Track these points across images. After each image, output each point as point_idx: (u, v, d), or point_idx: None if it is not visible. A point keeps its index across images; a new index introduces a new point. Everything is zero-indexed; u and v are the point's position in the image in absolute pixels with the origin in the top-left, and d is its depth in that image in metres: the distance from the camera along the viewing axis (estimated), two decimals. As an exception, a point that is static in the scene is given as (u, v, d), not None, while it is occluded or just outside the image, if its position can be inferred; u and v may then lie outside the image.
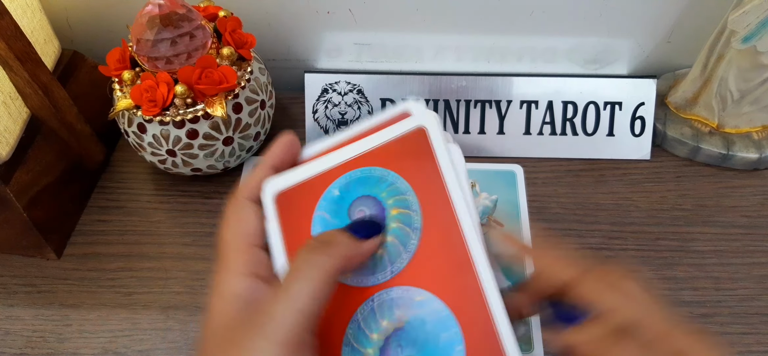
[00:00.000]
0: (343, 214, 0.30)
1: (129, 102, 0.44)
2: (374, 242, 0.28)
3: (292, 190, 0.30)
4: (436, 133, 0.30)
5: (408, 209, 0.29)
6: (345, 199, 0.30)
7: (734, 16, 0.45)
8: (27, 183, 0.45)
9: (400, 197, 0.30)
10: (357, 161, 0.30)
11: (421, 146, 0.30)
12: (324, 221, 0.30)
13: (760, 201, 0.50)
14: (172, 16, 0.43)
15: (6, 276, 0.47)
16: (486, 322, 0.27)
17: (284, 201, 0.30)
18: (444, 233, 0.29)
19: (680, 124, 0.54)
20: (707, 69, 0.51)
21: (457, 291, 0.28)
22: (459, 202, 0.29)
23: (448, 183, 0.29)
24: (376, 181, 0.30)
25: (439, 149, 0.29)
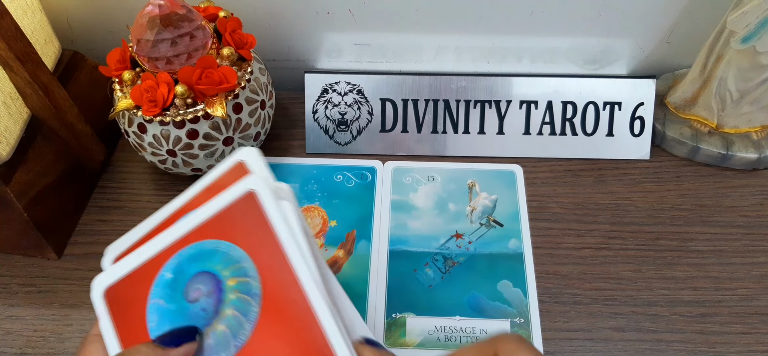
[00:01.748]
0: (179, 297, 0.29)
1: (129, 102, 0.44)
2: (183, 349, 0.27)
3: (122, 283, 0.29)
4: (265, 194, 0.29)
5: (245, 276, 0.28)
6: (179, 280, 0.29)
7: (733, 16, 0.45)
8: (27, 183, 0.45)
9: (235, 266, 0.29)
10: (187, 239, 0.29)
11: (251, 210, 0.29)
12: (159, 309, 0.29)
13: (759, 201, 0.50)
14: (173, 16, 0.43)
15: (6, 276, 0.47)
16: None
17: (114, 296, 0.29)
18: (285, 294, 0.28)
19: (679, 124, 0.54)
20: (706, 69, 0.51)
21: (304, 350, 0.27)
22: (296, 260, 0.28)
23: (283, 243, 0.28)
24: (209, 254, 0.29)
25: (271, 210, 0.28)
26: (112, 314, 0.29)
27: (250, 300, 0.28)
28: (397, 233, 0.48)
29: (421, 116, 0.54)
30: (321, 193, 0.51)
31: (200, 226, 0.30)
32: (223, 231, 0.29)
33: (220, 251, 0.29)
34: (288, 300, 0.28)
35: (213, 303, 0.29)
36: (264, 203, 0.29)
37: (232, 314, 0.28)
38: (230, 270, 0.29)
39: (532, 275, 0.45)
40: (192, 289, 0.29)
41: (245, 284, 0.28)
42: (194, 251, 0.29)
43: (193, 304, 0.29)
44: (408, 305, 0.44)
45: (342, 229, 0.49)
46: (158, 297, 0.29)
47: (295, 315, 0.27)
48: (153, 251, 0.30)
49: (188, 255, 0.29)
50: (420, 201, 0.51)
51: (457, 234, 0.48)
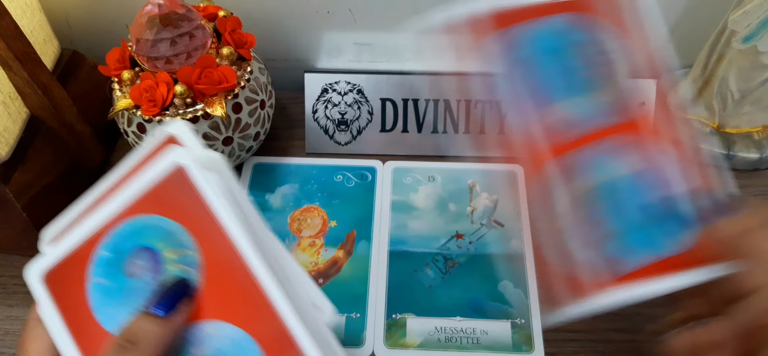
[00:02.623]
0: (119, 275, 0.29)
1: (129, 102, 0.44)
2: (186, 308, 0.27)
3: (60, 266, 0.29)
4: (192, 167, 0.29)
5: (183, 248, 0.29)
6: (118, 258, 0.29)
7: (734, 15, 0.45)
8: (26, 183, 0.45)
9: (172, 239, 0.29)
10: (120, 216, 0.30)
11: (182, 184, 0.29)
12: (102, 288, 0.29)
13: (760, 201, 0.50)
14: (172, 16, 0.43)
15: (6, 276, 0.47)
16: (283, 335, 0.27)
17: (54, 280, 0.29)
18: (225, 262, 0.28)
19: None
20: (707, 69, 0.51)
21: (248, 313, 0.27)
22: (232, 227, 0.28)
23: (216, 211, 0.28)
24: (145, 230, 0.29)
25: (200, 182, 0.28)
26: (55, 297, 0.29)
27: (190, 269, 0.28)
28: (397, 234, 0.48)
29: (422, 116, 0.54)
30: (321, 193, 0.51)
31: (133, 203, 0.30)
32: (156, 206, 0.29)
33: (156, 226, 0.29)
34: (228, 267, 0.28)
35: (154, 276, 0.29)
36: (192, 177, 0.29)
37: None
38: (167, 243, 0.29)
39: (532, 275, 0.45)
40: (131, 265, 0.29)
41: (184, 255, 0.29)
42: (130, 228, 0.30)
43: (136, 280, 0.29)
44: (408, 305, 0.44)
45: (342, 229, 0.49)
46: (99, 277, 0.29)
47: (237, 282, 0.28)
48: (87, 231, 0.30)
49: (124, 233, 0.30)
50: (420, 201, 0.50)
51: (458, 235, 0.48)
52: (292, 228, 0.49)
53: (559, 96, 0.34)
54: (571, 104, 0.34)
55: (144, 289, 0.29)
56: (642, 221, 0.31)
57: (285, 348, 0.27)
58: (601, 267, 0.31)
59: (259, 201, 0.50)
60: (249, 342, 0.27)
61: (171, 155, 0.29)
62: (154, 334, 0.26)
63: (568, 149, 0.32)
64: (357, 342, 0.42)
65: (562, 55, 0.35)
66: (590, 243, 0.31)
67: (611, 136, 0.33)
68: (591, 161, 0.32)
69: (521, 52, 0.34)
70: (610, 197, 0.32)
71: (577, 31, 0.35)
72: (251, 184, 0.52)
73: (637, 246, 0.31)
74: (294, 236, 0.48)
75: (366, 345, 0.42)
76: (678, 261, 0.31)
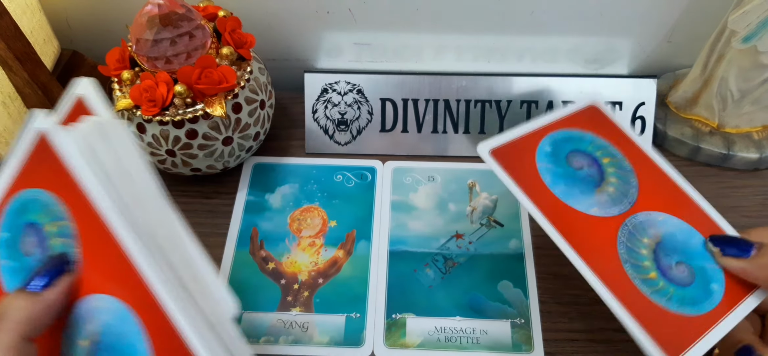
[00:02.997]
0: (18, 254, 0.29)
1: (128, 102, 0.44)
2: (60, 287, 0.26)
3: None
4: (54, 133, 0.28)
5: (60, 220, 0.28)
6: (15, 237, 0.29)
7: (734, 15, 0.45)
8: (26, 183, 0.45)
9: (50, 211, 0.28)
10: (9, 193, 0.30)
11: (48, 151, 0.28)
12: (10, 269, 0.29)
13: (760, 201, 0.50)
14: (172, 15, 0.43)
15: (5, 276, 0.47)
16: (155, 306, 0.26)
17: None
18: (95, 231, 0.27)
19: (680, 124, 0.54)
20: (707, 69, 0.51)
21: (122, 284, 0.27)
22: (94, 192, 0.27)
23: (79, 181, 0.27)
24: (28, 205, 0.29)
25: (62, 148, 0.27)
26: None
27: (69, 241, 0.28)
28: (397, 234, 0.48)
29: (422, 116, 0.54)
30: (321, 193, 0.51)
31: (16, 178, 0.29)
32: (34, 178, 0.29)
33: (35, 200, 0.29)
34: (99, 237, 0.27)
35: (41, 252, 0.29)
36: (54, 143, 0.28)
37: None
38: (46, 215, 0.29)
39: (532, 275, 0.45)
40: (25, 243, 0.29)
41: (62, 227, 0.28)
42: (17, 205, 0.29)
43: (31, 257, 0.29)
44: (408, 305, 0.44)
45: (342, 229, 0.49)
46: (5, 259, 0.29)
47: (107, 251, 0.27)
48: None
49: (13, 210, 0.29)
50: (420, 201, 0.50)
51: (458, 234, 0.48)
52: (292, 228, 0.49)
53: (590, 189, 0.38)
54: (602, 193, 0.38)
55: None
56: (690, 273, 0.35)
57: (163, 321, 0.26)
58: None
59: (259, 201, 0.50)
60: (128, 313, 0.26)
61: (34, 122, 0.28)
62: (22, 309, 0.25)
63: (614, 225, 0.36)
64: (357, 341, 0.42)
65: (582, 153, 0.39)
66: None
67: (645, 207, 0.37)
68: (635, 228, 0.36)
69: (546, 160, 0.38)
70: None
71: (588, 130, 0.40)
72: (251, 184, 0.52)
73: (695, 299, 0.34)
74: (294, 236, 0.48)
75: (366, 344, 0.42)
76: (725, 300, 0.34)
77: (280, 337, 0.43)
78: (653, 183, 0.37)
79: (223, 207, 0.50)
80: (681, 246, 0.35)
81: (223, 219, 0.49)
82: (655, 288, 0.33)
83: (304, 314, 0.44)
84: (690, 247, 0.35)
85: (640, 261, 0.34)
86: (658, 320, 0.32)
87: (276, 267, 0.46)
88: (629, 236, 0.35)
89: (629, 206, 0.36)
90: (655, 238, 0.35)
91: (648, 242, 0.35)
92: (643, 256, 0.34)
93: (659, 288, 0.33)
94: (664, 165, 0.38)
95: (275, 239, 0.48)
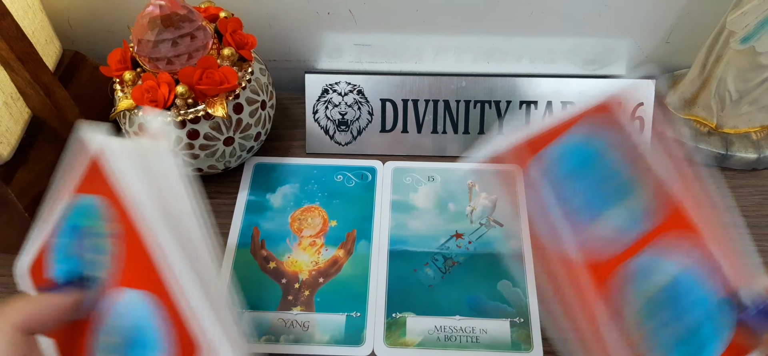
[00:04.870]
0: (73, 256, 0.32)
1: (130, 102, 0.44)
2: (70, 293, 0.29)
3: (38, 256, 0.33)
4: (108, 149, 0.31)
5: (101, 221, 0.31)
6: (71, 239, 0.32)
7: (733, 16, 0.46)
8: (28, 183, 0.45)
9: (93, 213, 0.31)
10: (70, 198, 0.33)
11: (102, 164, 0.31)
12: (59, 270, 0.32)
13: (758, 201, 0.50)
14: (173, 16, 0.43)
15: (7, 276, 0.47)
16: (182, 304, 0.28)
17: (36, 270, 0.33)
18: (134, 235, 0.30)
19: (679, 124, 0.54)
20: (706, 69, 0.51)
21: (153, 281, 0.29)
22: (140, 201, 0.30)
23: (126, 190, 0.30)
24: (80, 209, 0.32)
25: (114, 163, 0.31)
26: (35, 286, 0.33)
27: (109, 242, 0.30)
28: (397, 233, 0.48)
29: (421, 116, 0.54)
30: (321, 193, 0.51)
31: (74, 185, 0.33)
32: (83, 186, 0.32)
33: (84, 204, 0.32)
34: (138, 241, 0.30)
35: (83, 254, 0.31)
36: (108, 158, 0.31)
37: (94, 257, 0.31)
38: (89, 218, 0.32)
39: (531, 275, 0.45)
40: (73, 245, 0.32)
41: (106, 229, 0.31)
42: (74, 209, 0.32)
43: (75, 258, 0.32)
44: (408, 305, 0.44)
45: (342, 229, 0.49)
46: (59, 262, 0.32)
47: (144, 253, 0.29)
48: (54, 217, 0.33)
49: (72, 213, 0.33)
50: (420, 201, 0.51)
51: (457, 234, 0.48)
52: (292, 228, 0.49)
53: (595, 214, 0.34)
54: (607, 218, 0.34)
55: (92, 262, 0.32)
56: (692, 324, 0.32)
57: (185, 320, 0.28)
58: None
59: (260, 201, 0.51)
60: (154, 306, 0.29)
61: (93, 139, 0.32)
62: (23, 304, 0.27)
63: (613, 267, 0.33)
64: (357, 341, 0.43)
65: (591, 168, 0.35)
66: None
67: (652, 242, 0.33)
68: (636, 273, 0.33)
69: (555, 173, 0.35)
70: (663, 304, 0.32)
71: (601, 136, 0.36)
72: (252, 184, 0.52)
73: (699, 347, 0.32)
74: (295, 236, 0.48)
75: (366, 343, 0.43)
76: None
77: (281, 336, 0.43)
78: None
79: (224, 207, 0.50)
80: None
81: (224, 219, 0.49)
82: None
83: (305, 313, 0.44)
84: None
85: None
86: None
87: (277, 267, 0.47)
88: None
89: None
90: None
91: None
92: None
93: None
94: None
95: (276, 239, 0.48)
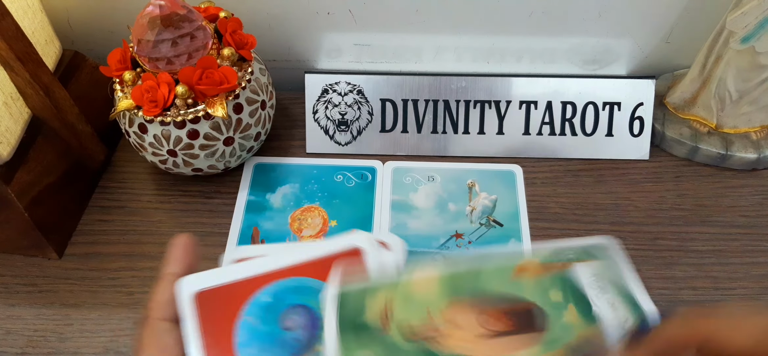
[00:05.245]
0: (273, 322, 0.30)
1: (130, 102, 0.44)
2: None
3: (215, 291, 0.30)
4: (370, 251, 0.31)
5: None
6: (276, 307, 0.30)
7: (733, 16, 0.46)
8: (28, 183, 0.45)
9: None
10: (291, 271, 0.31)
11: (355, 262, 0.31)
12: (250, 327, 0.30)
13: (758, 201, 0.50)
14: (173, 17, 0.43)
15: (7, 276, 0.47)
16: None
17: (205, 302, 0.30)
18: None
19: (679, 124, 0.54)
20: (706, 69, 0.51)
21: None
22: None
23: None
24: (310, 291, 0.31)
25: (374, 268, 0.31)
26: (201, 318, 0.29)
27: None
28: (397, 233, 0.48)
29: (421, 116, 0.54)
30: (321, 193, 0.51)
31: (307, 262, 0.31)
32: (327, 274, 0.30)
33: (321, 291, 0.30)
34: None
35: (307, 336, 0.30)
36: (367, 260, 0.31)
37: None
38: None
39: (531, 275, 0.45)
40: (288, 318, 0.30)
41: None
42: (296, 284, 0.31)
43: (287, 332, 0.30)
44: (408, 304, 0.44)
45: (342, 229, 0.49)
46: (252, 316, 0.30)
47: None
48: (254, 271, 0.31)
49: (289, 286, 0.31)
50: (420, 201, 0.51)
51: (457, 234, 0.48)
52: (292, 228, 0.49)
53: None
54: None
55: (292, 344, 0.29)
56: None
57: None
58: None
59: (260, 201, 0.51)
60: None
61: (354, 237, 0.32)
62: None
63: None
64: (357, 341, 0.43)
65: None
66: None
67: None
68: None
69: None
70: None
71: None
72: (252, 184, 0.52)
73: None
74: (294, 236, 0.48)
75: (366, 344, 0.42)
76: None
77: (281, 336, 0.43)
78: None
79: (224, 207, 0.50)
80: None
81: (224, 219, 0.49)
82: None
83: (305, 313, 0.44)
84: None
85: None
86: None
87: (277, 267, 0.47)
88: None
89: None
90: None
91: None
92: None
93: None
94: None
95: (276, 239, 0.48)
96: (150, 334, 0.28)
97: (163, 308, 0.28)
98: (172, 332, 0.28)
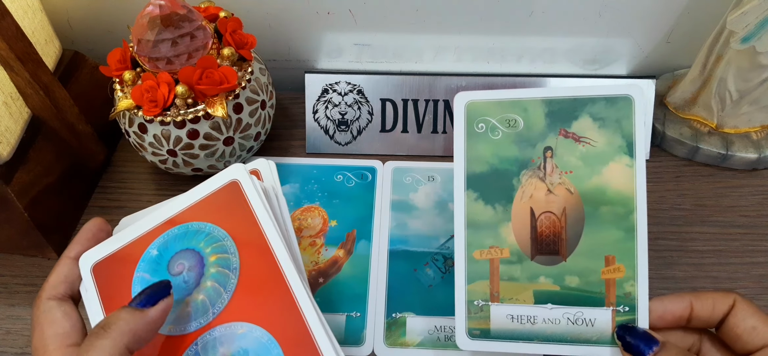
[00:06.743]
0: (162, 270, 0.32)
1: (130, 102, 0.44)
2: (161, 306, 0.29)
3: (110, 258, 0.32)
4: (247, 183, 0.33)
5: (226, 253, 0.32)
6: (164, 256, 0.32)
7: (733, 16, 0.46)
8: (28, 183, 0.45)
9: (217, 244, 0.32)
10: (173, 221, 0.33)
11: (234, 196, 0.33)
12: (143, 281, 0.32)
13: (759, 201, 0.50)
14: (173, 16, 0.43)
15: (7, 276, 0.47)
16: (306, 341, 0.29)
17: (102, 271, 0.32)
18: (262, 268, 0.31)
19: (679, 124, 0.54)
20: (706, 69, 0.51)
21: (276, 317, 0.30)
22: (273, 239, 0.31)
23: (262, 224, 0.32)
24: (194, 234, 0.33)
25: (253, 196, 0.32)
26: (99, 287, 0.32)
27: (229, 273, 0.31)
28: (397, 233, 0.48)
29: (422, 116, 0.54)
30: (321, 193, 0.51)
31: (187, 209, 0.33)
32: (208, 214, 0.33)
33: (204, 232, 0.33)
34: (265, 275, 0.31)
35: (194, 276, 0.32)
36: (246, 191, 0.33)
37: (212, 285, 0.31)
38: (212, 247, 0.32)
39: (532, 275, 0.45)
40: (175, 263, 0.32)
41: (225, 259, 0.32)
42: (180, 231, 0.33)
43: (176, 277, 0.32)
44: (408, 304, 0.44)
45: (342, 229, 0.49)
46: (143, 271, 0.32)
47: (270, 288, 0.30)
48: (142, 230, 0.33)
49: (174, 235, 0.33)
50: (420, 201, 0.51)
51: (457, 234, 0.48)
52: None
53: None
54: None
55: (181, 286, 0.31)
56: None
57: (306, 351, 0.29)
58: None
59: (260, 201, 0.51)
60: (274, 345, 0.30)
61: (227, 171, 0.33)
62: (127, 321, 0.27)
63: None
64: (357, 340, 0.43)
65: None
66: None
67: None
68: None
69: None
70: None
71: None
72: (252, 184, 0.52)
73: None
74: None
75: (366, 343, 0.42)
76: None
77: (281, 336, 0.43)
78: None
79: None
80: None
81: (223, 219, 0.49)
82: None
83: (305, 313, 0.44)
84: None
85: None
86: None
87: (277, 267, 0.47)
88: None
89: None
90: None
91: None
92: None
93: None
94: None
95: (276, 239, 0.48)
96: (39, 313, 0.30)
97: (52, 288, 0.31)
98: (60, 307, 0.30)
